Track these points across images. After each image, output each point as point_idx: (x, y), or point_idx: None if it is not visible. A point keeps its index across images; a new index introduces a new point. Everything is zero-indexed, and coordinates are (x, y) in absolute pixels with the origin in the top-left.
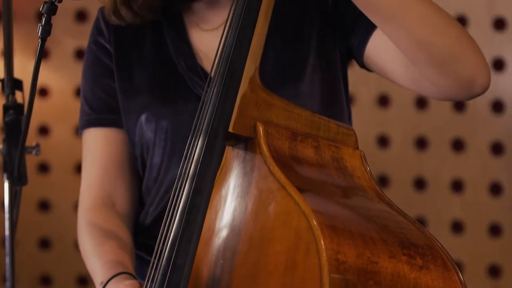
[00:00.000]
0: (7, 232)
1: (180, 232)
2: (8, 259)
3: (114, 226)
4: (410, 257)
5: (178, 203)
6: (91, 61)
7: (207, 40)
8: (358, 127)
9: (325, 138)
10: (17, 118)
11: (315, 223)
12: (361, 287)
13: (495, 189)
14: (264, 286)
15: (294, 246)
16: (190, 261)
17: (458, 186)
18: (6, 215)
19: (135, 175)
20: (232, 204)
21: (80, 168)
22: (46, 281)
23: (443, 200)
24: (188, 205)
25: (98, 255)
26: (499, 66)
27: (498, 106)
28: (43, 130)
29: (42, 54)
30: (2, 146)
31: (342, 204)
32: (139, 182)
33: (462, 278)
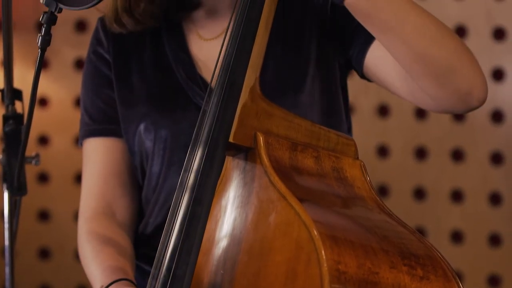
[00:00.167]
0: (7, 242)
1: (180, 242)
2: (7, 269)
3: (114, 234)
4: (411, 267)
5: (178, 213)
6: (91, 71)
7: (207, 49)
8: (358, 137)
9: (325, 148)
10: (16, 128)
11: (316, 233)
12: None
13: (495, 199)
14: None
15: (295, 256)
16: (190, 271)
17: (457, 196)
18: (6, 225)
19: (135, 185)
20: (232, 214)
21: (80, 178)
22: None
23: (443, 210)
24: (188, 215)
25: (98, 262)
26: (499, 76)
27: (497, 116)
28: (43, 140)
29: (42, 64)
30: (2, 156)
31: (343, 214)
32: (139, 192)
33: None
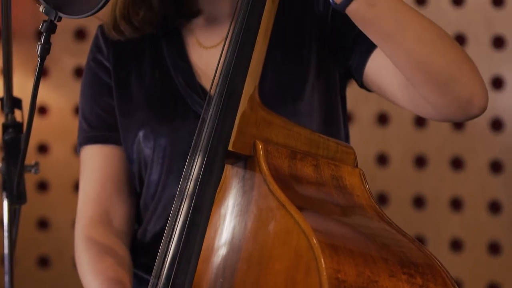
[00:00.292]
0: (6, 250)
1: (179, 251)
2: (7, 277)
3: (112, 243)
4: (410, 276)
5: (177, 222)
6: (90, 78)
7: (206, 57)
8: (358, 145)
9: (324, 157)
10: (16, 137)
11: (315, 242)
12: None
13: (494, 207)
14: None
15: (294, 265)
16: (190, 280)
17: (457, 204)
18: (5, 234)
19: (132, 192)
20: (231, 222)
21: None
22: None
23: (442, 218)
24: (187, 223)
25: (95, 273)
26: (498, 85)
27: (497, 125)
28: (42, 149)
29: (41, 73)
30: (1, 165)
31: (342, 222)
32: (136, 199)
33: None
